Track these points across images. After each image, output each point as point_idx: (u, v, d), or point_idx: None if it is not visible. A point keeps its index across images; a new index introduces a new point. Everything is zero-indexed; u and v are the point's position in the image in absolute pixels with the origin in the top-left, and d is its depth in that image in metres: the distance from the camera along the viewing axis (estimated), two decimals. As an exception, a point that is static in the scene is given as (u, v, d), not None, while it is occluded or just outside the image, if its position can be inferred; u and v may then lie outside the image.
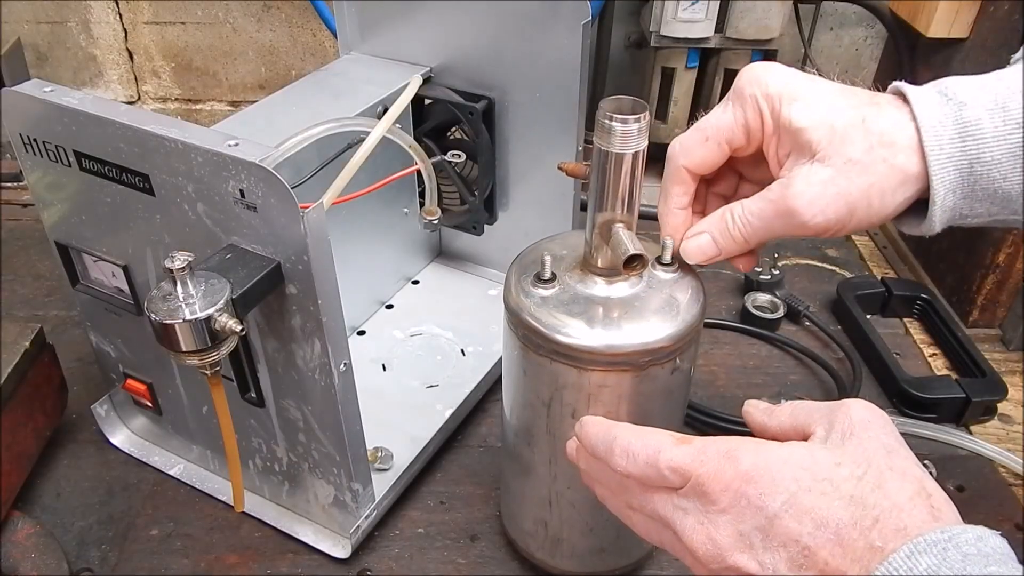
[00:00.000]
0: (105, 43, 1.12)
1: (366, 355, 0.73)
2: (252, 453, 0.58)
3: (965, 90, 0.40)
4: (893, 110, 0.41)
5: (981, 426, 0.71)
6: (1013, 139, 0.38)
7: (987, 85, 0.40)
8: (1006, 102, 0.39)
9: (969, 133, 0.39)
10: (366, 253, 0.75)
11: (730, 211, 0.43)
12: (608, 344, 0.42)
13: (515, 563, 0.58)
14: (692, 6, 0.88)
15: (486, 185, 0.75)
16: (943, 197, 0.40)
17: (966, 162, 0.39)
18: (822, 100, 0.41)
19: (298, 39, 1.11)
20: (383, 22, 0.72)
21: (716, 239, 0.44)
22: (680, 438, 0.37)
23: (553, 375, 0.44)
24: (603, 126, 0.40)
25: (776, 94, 0.42)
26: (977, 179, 0.40)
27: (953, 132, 0.39)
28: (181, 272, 0.41)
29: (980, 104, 0.39)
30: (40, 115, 0.48)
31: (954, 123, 0.39)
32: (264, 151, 0.42)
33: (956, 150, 0.39)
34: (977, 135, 0.39)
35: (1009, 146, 0.39)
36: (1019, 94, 0.39)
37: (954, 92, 0.40)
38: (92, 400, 0.64)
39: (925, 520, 0.32)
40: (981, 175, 0.40)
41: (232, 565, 0.57)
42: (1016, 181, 0.39)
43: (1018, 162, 0.39)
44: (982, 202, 0.41)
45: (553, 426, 0.46)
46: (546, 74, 0.66)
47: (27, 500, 0.61)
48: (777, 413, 0.40)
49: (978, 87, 0.40)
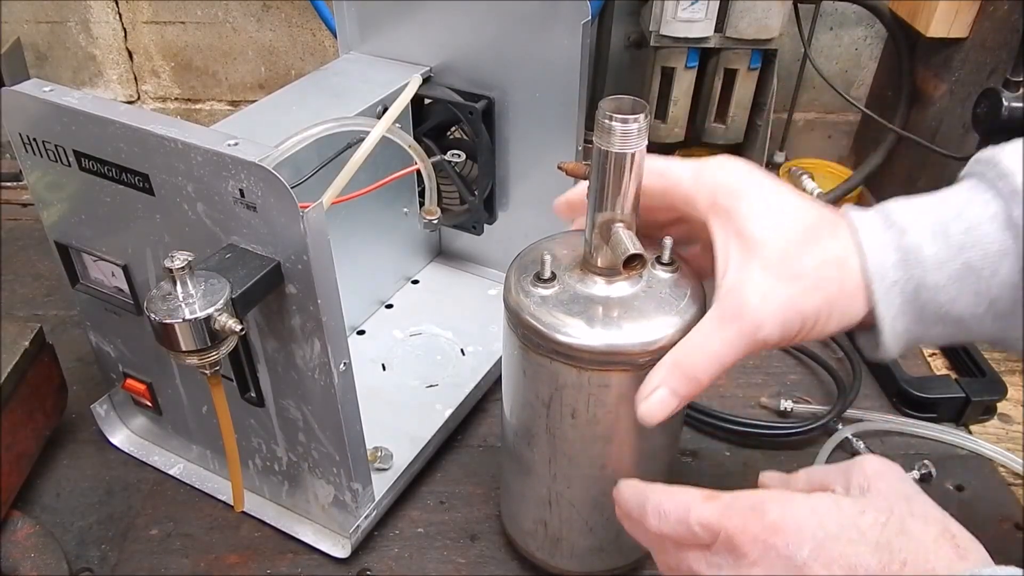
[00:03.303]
0: (105, 43, 1.12)
1: (366, 355, 0.73)
2: (252, 453, 0.58)
3: (906, 215, 0.40)
4: (845, 232, 0.40)
5: (981, 426, 0.71)
6: (954, 264, 0.38)
7: (929, 209, 0.40)
8: (946, 226, 0.39)
9: (910, 259, 0.39)
10: (366, 253, 0.75)
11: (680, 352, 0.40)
12: (608, 344, 0.42)
13: (515, 563, 0.58)
14: (692, 6, 0.88)
15: (486, 185, 0.75)
16: (891, 323, 0.40)
17: (911, 288, 0.39)
18: (783, 211, 0.41)
19: (298, 39, 1.11)
20: (383, 22, 0.72)
21: (676, 390, 0.40)
22: (708, 495, 0.38)
23: (553, 375, 0.44)
24: (603, 126, 0.39)
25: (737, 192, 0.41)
26: (924, 304, 0.40)
27: (896, 258, 0.39)
28: (181, 272, 0.41)
29: (920, 229, 0.39)
30: (40, 115, 0.48)
31: (895, 249, 0.39)
32: (264, 151, 0.42)
33: (900, 276, 0.39)
34: (918, 261, 0.39)
35: (952, 270, 0.38)
36: (959, 218, 0.38)
37: (896, 218, 0.40)
38: (92, 400, 0.64)
39: (952, 560, 0.33)
40: (928, 300, 0.39)
41: (232, 565, 0.57)
42: (964, 304, 0.39)
43: (963, 286, 0.39)
44: (935, 325, 0.40)
45: (553, 426, 0.46)
46: (546, 74, 0.66)
47: (27, 500, 0.61)
48: (793, 481, 0.41)
49: (919, 211, 0.40)
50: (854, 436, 0.66)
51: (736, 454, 0.67)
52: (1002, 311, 0.39)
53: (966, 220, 0.38)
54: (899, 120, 0.95)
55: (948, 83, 0.88)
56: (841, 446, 0.66)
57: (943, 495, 0.63)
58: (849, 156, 1.13)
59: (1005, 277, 0.38)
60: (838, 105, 1.10)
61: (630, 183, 0.41)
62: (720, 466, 0.66)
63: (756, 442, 0.67)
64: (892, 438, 0.69)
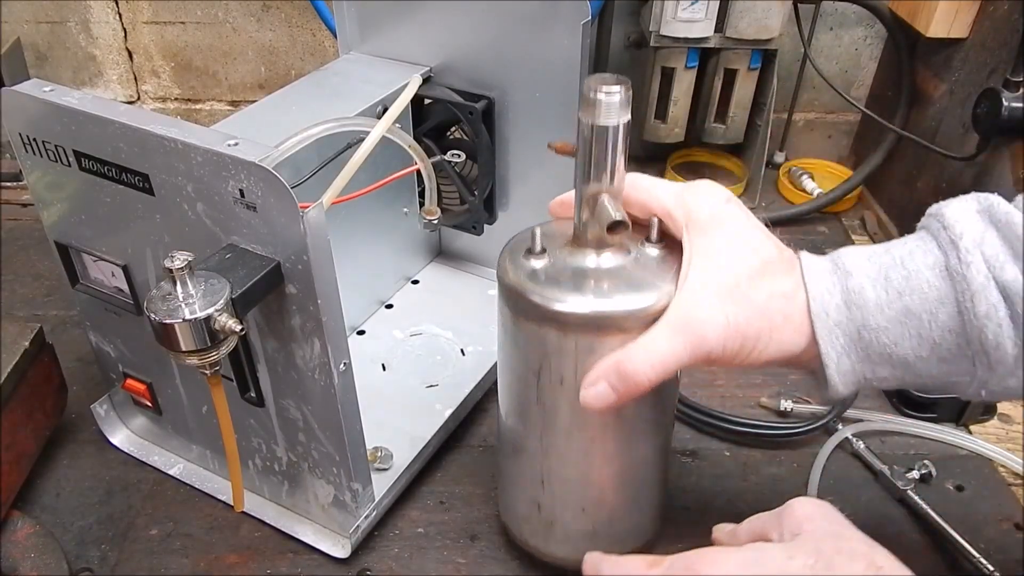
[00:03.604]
0: (105, 43, 1.12)
1: (366, 355, 0.73)
2: (252, 453, 0.58)
3: (854, 261, 0.42)
4: (799, 272, 0.43)
5: (981, 426, 0.71)
6: (895, 307, 0.41)
7: (874, 256, 0.42)
8: (888, 272, 0.41)
9: (853, 301, 0.42)
10: (366, 253, 0.75)
11: (625, 354, 0.42)
12: (595, 310, 0.43)
13: (515, 563, 0.58)
14: (692, 6, 0.88)
15: (486, 185, 0.75)
16: (836, 360, 0.42)
17: (853, 328, 0.42)
18: (747, 244, 0.43)
19: (298, 39, 1.11)
20: (383, 22, 0.72)
21: (615, 386, 0.42)
22: (652, 561, 0.41)
23: (542, 341, 0.45)
24: (588, 99, 0.41)
25: (710, 219, 0.44)
26: (868, 344, 0.42)
27: (840, 300, 0.42)
28: (181, 272, 0.41)
29: (864, 273, 0.42)
30: (40, 115, 0.48)
31: (841, 291, 0.42)
32: (264, 151, 0.42)
33: (842, 316, 0.42)
34: (860, 303, 0.41)
35: (892, 313, 0.41)
36: (902, 266, 0.41)
37: (843, 262, 0.43)
38: (92, 400, 0.64)
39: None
40: (870, 341, 0.42)
41: (232, 565, 0.57)
42: (908, 347, 0.41)
43: (905, 329, 0.41)
44: (882, 366, 0.43)
45: (543, 396, 0.47)
46: (546, 74, 0.66)
47: (27, 500, 0.61)
48: (739, 533, 0.45)
49: (866, 258, 0.42)
50: (854, 436, 0.66)
51: (736, 454, 0.67)
52: (946, 356, 0.42)
53: (907, 268, 0.41)
54: (899, 120, 0.95)
55: (948, 83, 0.88)
56: (841, 446, 0.66)
57: (943, 495, 0.63)
58: (849, 156, 1.13)
59: (944, 322, 0.41)
60: (838, 105, 1.10)
61: (615, 154, 0.42)
62: (720, 466, 0.66)
63: (756, 442, 0.67)
64: (892, 438, 0.69)
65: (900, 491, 0.62)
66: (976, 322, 0.40)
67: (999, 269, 0.39)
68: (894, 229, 0.94)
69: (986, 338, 0.40)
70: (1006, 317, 0.39)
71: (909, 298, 0.41)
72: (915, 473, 0.63)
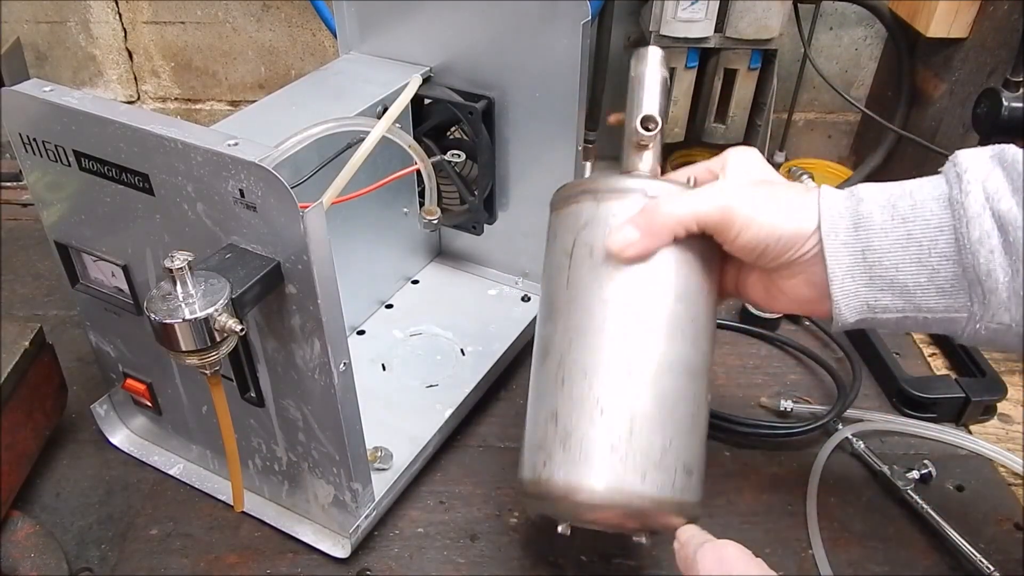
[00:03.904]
0: (105, 43, 1.12)
1: (366, 355, 0.73)
2: (252, 453, 0.58)
3: (867, 191, 0.46)
4: (815, 195, 0.47)
5: (981, 426, 0.71)
6: (899, 232, 0.44)
7: (887, 188, 0.46)
8: (896, 202, 0.44)
9: (861, 224, 0.45)
10: (366, 253, 0.75)
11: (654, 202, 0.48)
12: (628, 184, 0.49)
13: (515, 562, 0.58)
14: (692, 6, 0.88)
15: (486, 185, 0.75)
16: (841, 279, 0.45)
17: (859, 248, 0.45)
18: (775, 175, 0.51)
19: (298, 39, 1.11)
20: (383, 22, 0.72)
21: (637, 223, 0.47)
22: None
23: (577, 217, 0.49)
24: (639, 54, 0.52)
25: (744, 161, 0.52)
26: (872, 266, 0.45)
27: (849, 222, 0.45)
28: (181, 272, 0.41)
29: (875, 201, 0.45)
30: (39, 115, 0.48)
31: (851, 215, 0.45)
32: (264, 151, 0.42)
33: (850, 237, 0.45)
34: (868, 226, 0.45)
35: (896, 237, 0.44)
36: (908, 196, 0.44)
37: (859, 192, 0.46)
38: (92, 400, 0.64)
39: None
40: (874, 263, 0.45)
41: (232, 565, 0.57)
42: (908, 272, 0.44)
43: (906, 254, 0.44)
44: (885, 292, 0.45)
45: (572, 275, 0.48)
46: (546, 74, 0.66)
47: (27, 500, 0.61)
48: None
49: (879, 190, 0.46)
50: (854, 436, 0.66)
51: (736, 454, 0.67)
52: (943, 286, 0.44)
53: (914, 198, 0.44)
54: (899, 120, 0.95)
55: (948, 83, 0.88)
56: (841, 446, 0.67)
57: (943, 495, 0.63)
58: (849, 156, 1.13)
59: (943, 249, 0.43)
60: (838, 105, 1.10)
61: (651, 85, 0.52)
62: (720, 466, 0.66)
63: (756, 442, 0.67)
64: (892, 438, 0.69)
65: (900, 491, 0.62)
66: (970, 246, 0.42)
67: (996, 200, 0.41)
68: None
69: (978, 263, 0.42)
70: (999, 244, 0.41)
71: (912, 224, 0.44)
72: (915, 473, 0.63)
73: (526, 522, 0.61)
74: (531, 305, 0.79)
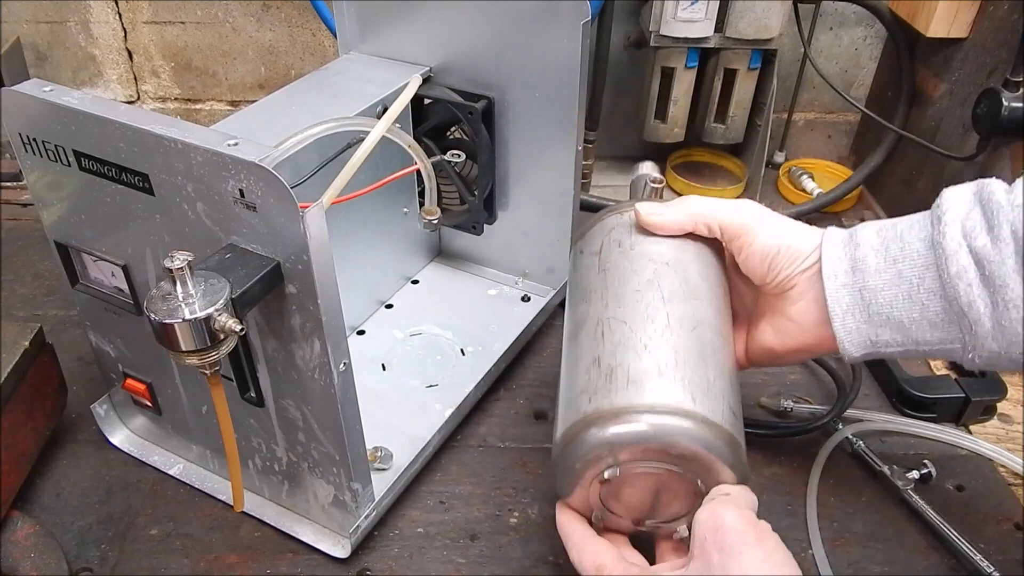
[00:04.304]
0: (104, 43, 1.12)
1: (366, 355, 0.73)
2: (252, 453, 0.58)
3: (865, 236, 0.50)
4: (819, 239, 0.52)
5: (980, 426, 0.71)
6: (890, 272, 0.48)
7: (882, 232, 0.50)
8: (888, 244, 0.49)
9: (858, 267, 0.49)
10: (366, 253, 0.75)
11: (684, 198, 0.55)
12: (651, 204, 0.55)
13: (515, 563, 0.58)
14: (692, 6, 0.88)
15: (486, 185, 0.75)
16: (842, 317, 0.49)
17: (856, 289, 0.49)
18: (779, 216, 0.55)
19: (298, 39, 1.11)
20: (383, 22, 0.72)
21: (669, 204, 0.55)
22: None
23: (605, 227, 0.55)
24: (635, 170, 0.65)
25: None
26: (869, 304, 0.49)
27: (847, 266, 0.50)
28: (180, 272, 0.41)
29: (870, 246, 0.49)
30: (39, 114, 0.48)
31: (849, 260, 0.50)
32: (264, 151, 0.42)
33: (848, 279, 0.49)
34: (863, 268, 0.49)
35: (888, 277, 0.48)
36: (899, 239, 0.48)
37: (857, 237, 0.50)
38: (92, 400, 0.64)
39: None
40: (871, 301, 0.49)
41: (232, 565, 0.57)
42: (902, 309, 0.48)
43: (898, 291, 0.48)
44: (884, 328, 0.49)
45: (604, 262, 0.53)
46: (546, 74, 0.66)
47: (27, 500, 0.61)
48: None
49: (875, 233, 0.50)
50: (854, 436, 0.66)
51: (736, 454, 0.67)
52: (934, 320, 0.47)
53: (903, 240, 0.48)
54: (899, 120, 0.95)
55: (948, 83, 0.88)
56: (841, 446, 0.66)
57: (943, 495, 0.63)
58: (849, 156, 1.13)
59: (929, 286, 0.47)
60: (838, 105, 1.10)
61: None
62: (720, 466, 0.66)
63: (756, 442, 0.67)
64: (892, 438, 0.69)
65: (900, 491, 0.62)
66: (950, 281, 0.46)
67: (973, 237, 0.45)
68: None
69: (959, 296, 0.45)
70: (976, 278, 0.45)
71: (902, 264, 0.48)
72: (915, 473, 0.63)
73: (526, 522, 0.61)
74: (531, 305, 0.79)
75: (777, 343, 0.54)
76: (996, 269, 0.44)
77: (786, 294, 0.52)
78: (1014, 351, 0.45)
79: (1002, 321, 0.44)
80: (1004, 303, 0.44)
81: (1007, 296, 0.44)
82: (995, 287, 0.44)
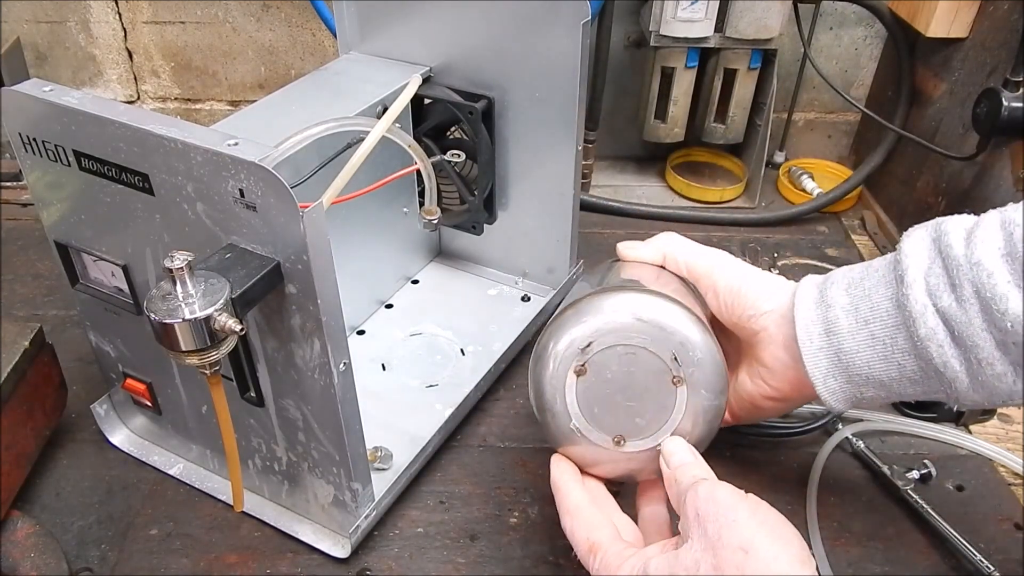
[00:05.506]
0: (104, 43, 1.12)
1: (366, 355, 0.73)
2: (251, 453, 0.58)
3: (834, 294, 0.49)
4: (791, 297, 0.51)
5: (980, 426, 0.71)
6: (863, 333, 0.47)
7: (851, 288, 0.49)
8: (858, 304, 0.48)
9: (831, 330, 0.49)
10: (366, 253, 0.75)
11: None
12: None
13: (515, 563, 0.58)
14: (691, 6, 0.88)
15: (486, 185, 0.75)
16: (823, 380, 0.49)
17: (832, 352, 0.49)
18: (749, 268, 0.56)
19: (297, 39, 1.11)
20: (383, 22, 0.72)
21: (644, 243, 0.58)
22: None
23: (591, 275, 0.57)
24: None
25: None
26: (847, 366, 0.48)
27: (821, 328, 0.49)
28: (180, 272, 0.41)
29: (840, 306, 0.49)
30: (39, 114, 0.48)
31: (822, 322, 0.49)
32: (264, 151, 0.42)
33: (824, 343, 0.49)
34: (836, 331, 0.48)
35: (861, 338, 0.47)
36: (867, 298, 0.48)
37: (827, 298, 0.49)
38: (92, 400, 0.64)
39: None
40: (848, 363, 0.48)
41: (232, 565, 0.57)
42: (879, 368, 0.48)
43: (873, 352, 0.47)
44: (867, 387, 0.49)
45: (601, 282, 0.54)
46: (546, 74, 0.66)
47: (27, 500, 0.61)
48: None
49: (844, 290, 0.49)
50: (854, 436, 0.66)
51: (736, 453, 0.67)
52: (912, 377, 0.47)
53: (872, 300, 0.48)
54: (899, 120, 0.95)
55: (948, 83, 0.88)
56: (841, 446, 0.66)
57: (943, 495, 0.63)
58: (849, 156, 1.13)
59: (902, 345, 0.46)
60: (838, 105, 1.10)
61: None
62: (720, 466, 0.65)
63: (756, 442, 0.67)
64: (892, 438, 0.69)
65: (900, 491, 0.62)
66: (920, 343, 0.45)
67: (937, 297, 0.44)
68: (894, 229, 0.94)
69: (932, 358, 0.45)
70: (946, 339, 0.44)
71: (873, 325, 0.47)
72: (915, 473, 0.63)
73: (526, 522, 0.61)
74: (531, 305, 0.79)
75: (756, 391, 0.54)
76: (964, 329, 0.43)
77: (757, 338, 0.53)
78: (997, 400, 0.45)
79: (979, 377, 0.44)
80: (978, 362, 0.43)
81: (980, 356, 0.43)
82: (966, 347, 0.44)
